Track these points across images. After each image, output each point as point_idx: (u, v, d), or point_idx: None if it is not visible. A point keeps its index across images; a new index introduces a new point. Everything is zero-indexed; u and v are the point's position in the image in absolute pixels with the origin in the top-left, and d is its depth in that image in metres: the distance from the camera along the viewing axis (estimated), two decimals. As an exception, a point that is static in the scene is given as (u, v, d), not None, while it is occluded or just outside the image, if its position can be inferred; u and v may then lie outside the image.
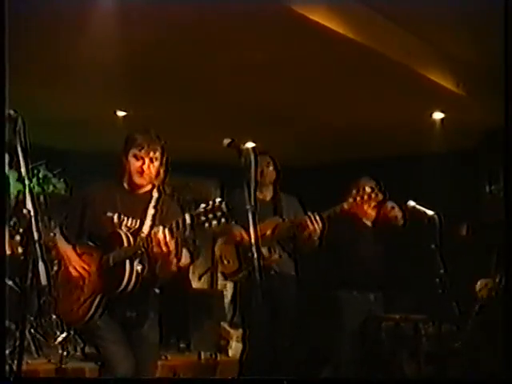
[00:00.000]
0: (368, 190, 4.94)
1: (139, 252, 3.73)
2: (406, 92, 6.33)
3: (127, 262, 3.72)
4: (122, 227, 3.87)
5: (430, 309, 5.29)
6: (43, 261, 3.23)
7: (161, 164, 3.94)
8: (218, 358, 7.39)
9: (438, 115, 7.04)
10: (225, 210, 3.38)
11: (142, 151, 3.86)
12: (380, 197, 5.01)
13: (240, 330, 7.52)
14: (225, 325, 7.75)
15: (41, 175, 7.74)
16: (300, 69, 5.87)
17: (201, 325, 7.65)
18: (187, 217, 3.50)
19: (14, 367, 5.25)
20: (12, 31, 5.23)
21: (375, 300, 5.61)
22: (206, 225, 3.40)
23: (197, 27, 5.07)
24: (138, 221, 3.90)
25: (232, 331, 7.53)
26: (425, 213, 4.97)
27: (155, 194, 3.99)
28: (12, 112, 3.39)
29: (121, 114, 7.44)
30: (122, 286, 3.72)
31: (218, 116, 7.23)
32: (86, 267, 3.85)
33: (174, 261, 3.78)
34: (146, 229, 3.85)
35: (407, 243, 5.76)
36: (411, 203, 5.09)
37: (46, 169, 8.46)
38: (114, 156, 4.02)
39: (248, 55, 5.58)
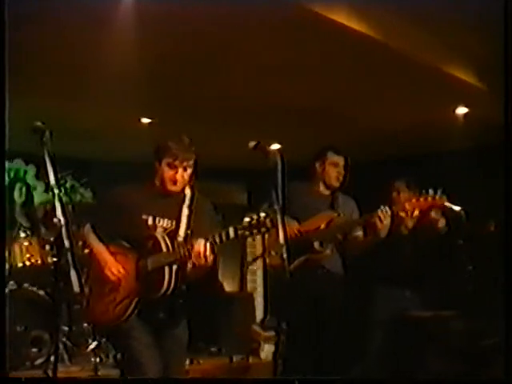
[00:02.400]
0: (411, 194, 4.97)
1: (177, 260, 3.77)
2: (430, 89, 6.31)
3: (166, 268, 3.76)
4: (158, 229, 3.90)
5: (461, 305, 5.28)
6: (75, 269, 3.28)
7: (194, 170, 4.00)
8: (250, 361, 7.42)
9: (461, 110, 7.01)
10: (269, 225, 3.44)
11: (176, 161, 3.89)
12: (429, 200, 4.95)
13: (272, 332, 7.56)
14: (256, 327, 7.77)
15: (68, 185, 7.83)
16: (324, 69, 5.88)
17: (231, 328, 7.68)
18: (231, 231, 3.57)
19: (50, 374, 5.33)
20: (35, 44, 5.33)
21: (410, 297, 5.63)
22: (249, 239, 3.46)
23: (219, 31, 5.09)
24: (174, 221, 3.93)
25: (263, 333, 7.55)
26: (452, 209, 4.96)
27: (188, 194, 4.02)
28: (39, 124, 3.44)
29: (146, 121, 7.48)
30: (162, 292, 3.76)
31: (243, 119, 7.25)
32: (121, 269, 3.88)
33: (207, 267, 3.85)
34: (182, 230, 3.89)
35: (436, 239, 5.75)
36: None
37: (73, 178, 8.56)
38: (141, 164, 4.05)
39: (271, 55, 5.59)
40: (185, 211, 3.97)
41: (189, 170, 3.94)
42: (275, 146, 5.13)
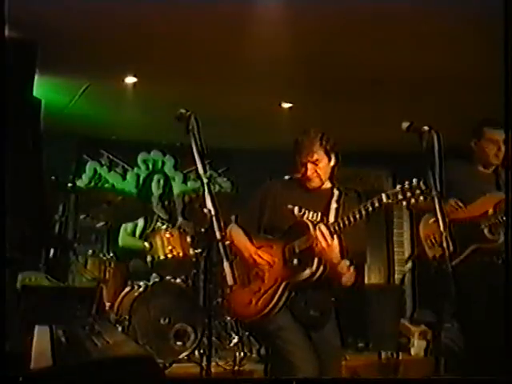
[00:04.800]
0: None
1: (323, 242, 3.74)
2: None
3: (313, 251, 3.76)
4: (305, 218, 3.93)
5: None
6: (228, 260, 3.37)
7: (329, 161, 3.99)
8: (400, 358, 7.35)
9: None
10: (423, 188, 3.40)
11: (302, 157, 3.95)
12: None
13: (422, 327, 7.46)
14: (405, 321, 7.69)
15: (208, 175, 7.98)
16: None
17: (379, 322, 7.63)
18: (383, 196, 3.53)
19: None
20: (177, 31, 5.51)
21: None
22: (404, 203, 3.45)
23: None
24: (320, 214, 3.94)
25: (413, 328, 7.46)
26: None
27: (336, 191, 4.02)
28: (183, 111, 3.54)
29: (286, 105, 7.52)
30: (309, 274, 3.77)
31: (388, 100, 7.17)
32: (267, 257, 3.92)
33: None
34: (330, 221, 3.86)
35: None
36: None
37: (211, 168, 8.76)
38: (281, 152, 4.11)
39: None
40: (333, 205, 3.97)
41: (321, 164, 3.97)
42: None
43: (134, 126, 8.25)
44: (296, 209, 3.95)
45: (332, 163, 4.00)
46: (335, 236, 3.71)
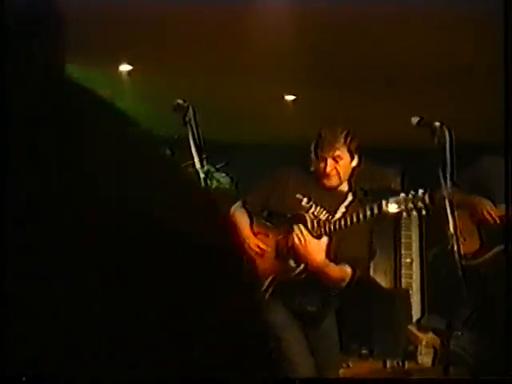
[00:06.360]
0: None
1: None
2: None
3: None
4: (309, 213, 3.92)
5: None
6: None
7: (351, 161, 3.96)
8: (406, 366, 7.30)
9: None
10: (427, 202, 3.39)
11: (324, 152, 3.93)
12: None
13: (430, 334, 7.40)
14: (412, 328, 7.63)
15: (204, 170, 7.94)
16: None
17: (384, 328, 7.57)
18: (384, 203, 3.55)
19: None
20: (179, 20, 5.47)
21: None
22: (404, 214, 3.42)
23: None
24: (326, 213, 3.92)
25: (421, 335, 7.40)
26: None
27: (350, 197, 4.00)
28: (181, 101, 3.51)
29: (289, 98, 7.44)
30: (296, 270, 3.83)
31: (400, 95, 7.12)
32: (261, 246, 3.94)
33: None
34: (334, 219, 3.84)
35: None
36: None
37: (209, 162, 8.69)
38: (284, 147, 4.09)
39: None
40: (341, 209, 3.93)
41: (342, 162, 3.93)
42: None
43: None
44: (305, 200, 3.92)
45: (354, 164, 3.94)
46: (325, 236, 3.69)
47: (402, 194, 3.42)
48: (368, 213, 3.56)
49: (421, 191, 3.36)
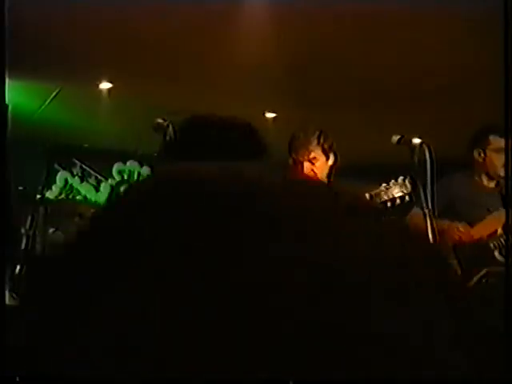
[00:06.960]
0: None
1: None
2: None
3: None
4: None
5: None
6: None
7: (326, 160, 3.96)
8: None
9: None
10: (409, 188, 3.42)
11: (299, 155, 3.88)
12: None
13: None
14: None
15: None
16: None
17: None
18: (367, 195, 3.51)
19: None
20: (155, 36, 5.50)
21: None
22: (388, 204, 3.41)
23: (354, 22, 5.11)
24: None
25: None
26: None
27: None
28: (161, 121, 3.52)
29: (270, 115, 7.50)
30: None
31: (379, 113, 7.18)
32: None
33: None
34: None
35: None
36: None
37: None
38: (265, 164, 4.11)
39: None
40: None
41: (317, 164, 3.93)
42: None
43: (109, 135, 8.19)
44: None
45: (330, 162, 3.93)
46: None
47: (384, 184, 3.43)
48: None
49: (401, 178, 3.38)
